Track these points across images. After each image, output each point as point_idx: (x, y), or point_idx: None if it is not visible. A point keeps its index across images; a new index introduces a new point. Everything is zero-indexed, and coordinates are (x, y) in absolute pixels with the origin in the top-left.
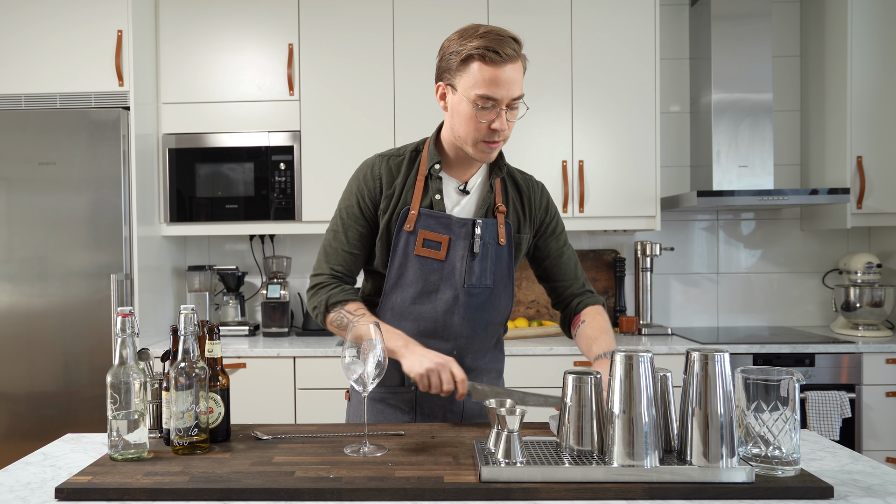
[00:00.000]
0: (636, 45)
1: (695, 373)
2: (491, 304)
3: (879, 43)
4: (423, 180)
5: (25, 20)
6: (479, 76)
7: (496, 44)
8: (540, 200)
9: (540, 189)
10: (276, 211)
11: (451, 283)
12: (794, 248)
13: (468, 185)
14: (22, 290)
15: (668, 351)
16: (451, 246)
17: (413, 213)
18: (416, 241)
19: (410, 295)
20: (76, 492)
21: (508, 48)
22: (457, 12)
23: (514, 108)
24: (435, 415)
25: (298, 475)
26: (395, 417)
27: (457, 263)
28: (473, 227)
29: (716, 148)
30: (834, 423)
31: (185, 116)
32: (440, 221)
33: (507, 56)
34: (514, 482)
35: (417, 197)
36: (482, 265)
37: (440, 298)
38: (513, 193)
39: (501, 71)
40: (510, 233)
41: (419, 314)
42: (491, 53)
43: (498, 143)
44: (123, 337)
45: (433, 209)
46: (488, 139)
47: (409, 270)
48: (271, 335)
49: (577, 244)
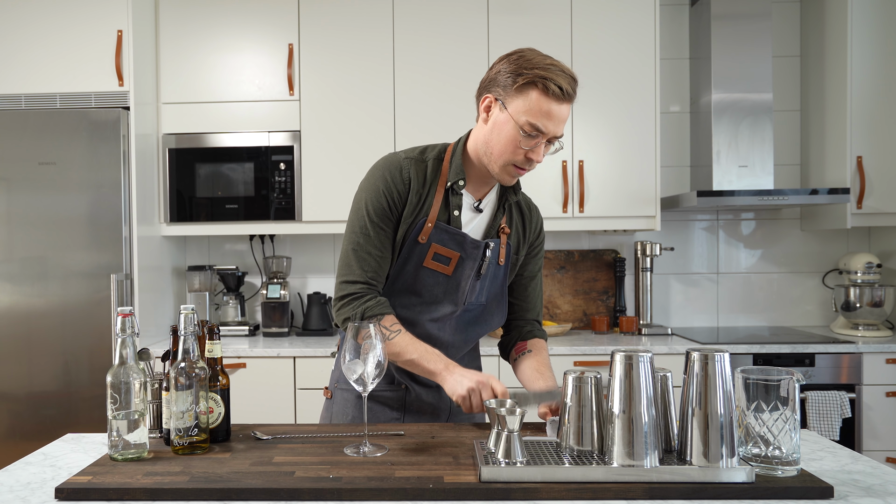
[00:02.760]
0: (636, 45)
1: (695, 373)
2: (483, 320)
3: (879, 43)
4: (443, 192)
5: (25, 20)
6: (536, 105)
7: (561, 79)
8: (536, 224)
9: (537, 213)
10: (276, 211)
11: (453, 298)
12: (794, 248)
13: (482, 204)
14: (22, 290)
15: (668, 351)
16: (460, 264)
17: (429, 226)
18: (427, 253)
19: (409, 302)
20: (76, 492)
21: (570, 87)
22: (457, 12)
23: (553, 143)
24: (423, 411)
25: (298, 475)
26: (384, 414)
27: (462, 281)
28: (485, 249)
29: (716, 148)
30: (834, 423)
31: (185, 116)
32: (454, 238)
33: (567, 95)
34: (514, 482)
35: (436, 209)
36: (482, 284)
37: (439, 311)
38: (516, 216)
39: (558, 107)
40: (509, 253)
41: (415, 321)
42: (555, 87)
43: (525, 171)
44: (123, 337)
45: (450, 224)
46: (522, 166)
47: (414, 280)
48: (271, 335)
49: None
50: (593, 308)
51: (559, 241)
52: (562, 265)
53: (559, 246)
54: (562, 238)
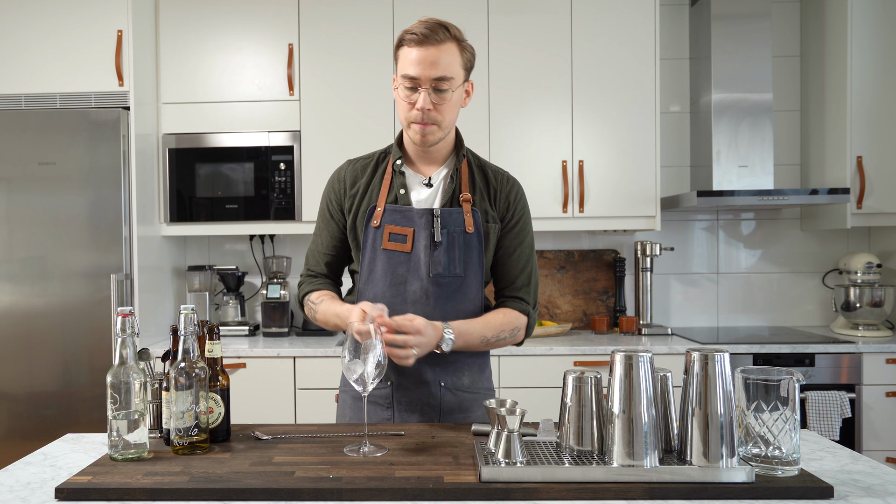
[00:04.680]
0: (636, 45)
1: (695, 373)
2: (462, 294)
3: (879, 43)
4: (390, 178)
5: (25, 20)
6: (406, 57)
7: (423, 28)
8: (507, 194)
9: (510, 184)
10: (276, 211)
11: (417, 273)
12: (794, 248)
13: (432, 179)
14: (22, 290)
15: (668, 351)
16: (416, 237)
17: (379, 210)
18: (382, 236)
19: (381, 289)
20: (76, 492)
21: (433, 33)
22: (457, 12)
23: (442, 90)
24: (413, 409)
25: (298, 475)
26: (376, 413)
27: (421, 254)
28: (433, 216)
29: (716, 148)
30: (834, 423)
31: (185, 116)
32: (404, 215)
33: (429, 38)
34: (514, 482)
35: (384, 194)
36: (449, 254)
37: (409, 290)
38: (480, 183)
39: (424, 51)
40: (478, 220)
41: (390, 307)
42: (409, 35)
43: (427, 125)
44: (123, 337)
45: (398, 203)
46: (416, 120)
47: (377, 265)
48: (271, 335)
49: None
50: (593, 308)
51: (559, 241)
52: (562, 265)
53: (559, 246)
54: (562, 238)
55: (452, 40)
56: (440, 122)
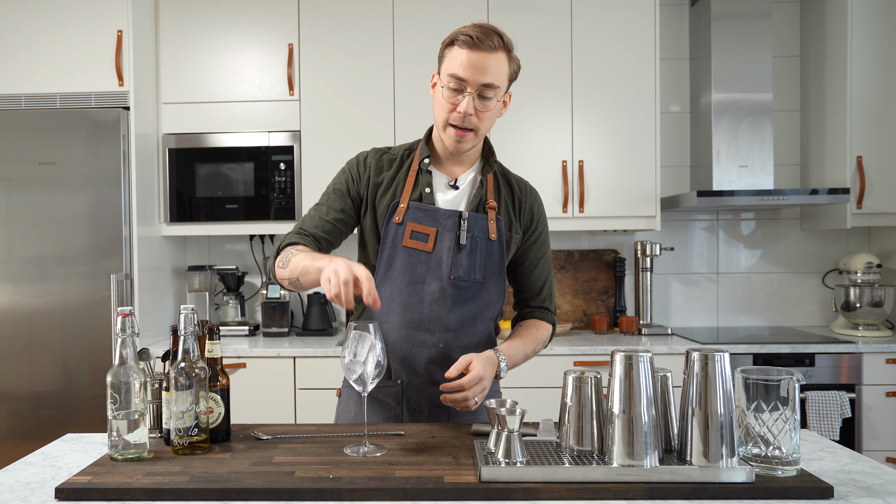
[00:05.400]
0: (636, 45)
1: (695, 373)
2: (480, 299)
3: (879, 43)
4: (415, 175)
5: (25, 20)
6: (456, 58)
7: (478, 31)
8: (531, 205)
9: (533, 195)
10: (276, 211)
11: (437, 274)
12: (794, 248)
13: (458, 182)
14: (22, 290)
15: (668, 351)
16: (439, 238)
17: (402, 206)
18: (404, 233)
19: (398, 286)
20: (76, 492)
21: (487, 38)
22: (457, 12)
23: (487, 97)
24: (422, 409)
25: (298, 475)
26: (383, 412)
27: (443, 255)
28: (460, 218)
29: (716, 148)
30: (834, 423)
31: (185, 116)
32: (428, 214)
33: (483, 43)
34: (514, 482)
35: (408, 190)
36: (471, 259)
37: (426, 290)
38: (505, 192)
39: (476, 55)
40: (501, 229)
41: (405, 305)
42: (464, 37)
43: (467, 131)
44: (123, 337)
45: (422, 202)
46: (455, 123)
47: (396, 262)
48: (271, 335)
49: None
50: (593, 308)
51: (559, 241)
52: (562, 265)
53: (559, 246)
54: (562, 238)
55: (503, 49)
56: (478, 128)
